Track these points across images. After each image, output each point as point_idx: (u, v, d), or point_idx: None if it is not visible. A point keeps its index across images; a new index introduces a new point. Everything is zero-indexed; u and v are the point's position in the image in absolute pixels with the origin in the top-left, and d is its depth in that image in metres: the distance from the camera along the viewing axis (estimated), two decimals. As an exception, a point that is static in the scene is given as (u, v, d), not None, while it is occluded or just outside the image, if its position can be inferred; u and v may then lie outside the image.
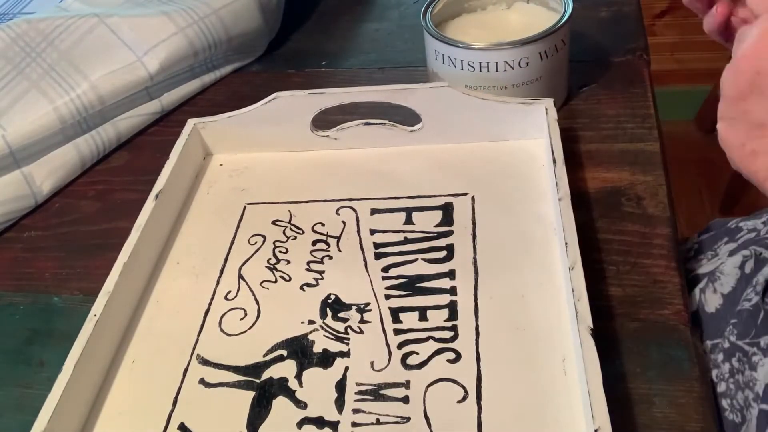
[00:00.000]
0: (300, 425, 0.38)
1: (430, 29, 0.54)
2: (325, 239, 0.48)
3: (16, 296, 0.49)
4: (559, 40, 0.53)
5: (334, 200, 0.51)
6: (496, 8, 0.59)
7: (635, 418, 0.36)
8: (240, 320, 0.43)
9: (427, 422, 0.37)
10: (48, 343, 0.46)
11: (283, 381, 0.40)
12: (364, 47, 0.69)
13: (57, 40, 0.60)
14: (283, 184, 0.53)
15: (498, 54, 0.52)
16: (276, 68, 0.68)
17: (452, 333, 0.41)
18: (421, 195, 0.50)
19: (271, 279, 0.46)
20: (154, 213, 0.47)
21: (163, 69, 0.61)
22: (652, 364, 0.39)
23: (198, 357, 0.42)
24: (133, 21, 0.62)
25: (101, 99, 0.59)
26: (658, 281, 0.43)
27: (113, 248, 0.45)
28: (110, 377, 0.41)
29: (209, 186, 0.54)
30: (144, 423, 0.39)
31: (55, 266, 0.51)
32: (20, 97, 0.57)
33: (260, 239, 0.48)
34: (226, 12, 0.64)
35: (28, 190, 0.56)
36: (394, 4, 0.76)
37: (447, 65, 0.54)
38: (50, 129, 0.56)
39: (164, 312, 0.45)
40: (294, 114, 0.53)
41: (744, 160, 0.35)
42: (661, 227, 0.46)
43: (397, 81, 0.58)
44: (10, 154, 0.55)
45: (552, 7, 0.57)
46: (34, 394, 0.41)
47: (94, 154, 0.59)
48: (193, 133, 0.54)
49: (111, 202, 0.56)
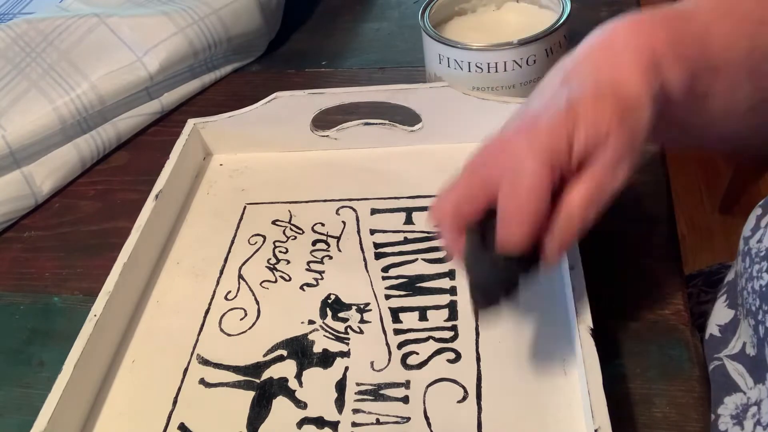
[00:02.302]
0: (300, 425, 0.38)
1: (433, 34, 0.54)
2: (325, 239, 0.48)
3: (16, 296, 0.49)
4: (561, 36, 0.53)
5: (334, 200, 0.51)
6: (486, 9, 0.59)
7: (635, 418, 0.36)
8: (240, 320, 0.43)
9: (427, 422, 0.37)
10: (48, 343, 0.46)
11: (283, 381, 0.40)
12: (364, 47, 0.69)
13: (57, 40, 0.60)
14: (283, 184, 0.53)
15: (507, 53, 0.52)
16: (276, 68, 0.68)
17: (452, 333, 0.41)
18: (421, 195, 0.50)
19: (271, 279, 0.46)
20: (154, 213, 0.47)
21: (163, 69, 0.61)
22: (652, 364, 0.39)
23: (198, 357, 0.42)
24: (133, 21, 0.62)
25: (101, 99, 0.59)
26: (658, 281, 0.43)
27: (113, 248, 0.45)
28: (110, 377, 0.41)
29: (209, 186, 0.54)
30: (144, 423, 0.39)
31: (55, 266, 0.51)
32: (20, 97, 0.57)
33: (260, 239, 0.48)
34: (226, 12, 0.64)
35: (28, 190, 0.56)
36: (394, 4, 0.76)
37: (453, 68, 0.54)
38: (50, 129, 0.56)
39: (164, 312, 0.45)
40: (294, 114, 0.53)
41: None
42: (661, 227, 0.46)
43: (397, 81, 0.58)
44: (10, 154, 0.55)
45: (544, 5, 0.57)
46: (34, 394, 0.41)
47: (94, 154, 0.59)
48: (193, 133, 0.54)
49: (111, 202, 0.56)
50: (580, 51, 0.35)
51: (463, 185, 0.34)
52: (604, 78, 0.33)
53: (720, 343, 0.38)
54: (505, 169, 0.32)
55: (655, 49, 0.33)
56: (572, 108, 0.32)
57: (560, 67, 0.35)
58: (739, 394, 0.36)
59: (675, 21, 0.34)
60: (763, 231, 0.35)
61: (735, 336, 0.38)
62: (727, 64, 0.35)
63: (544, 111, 0.33)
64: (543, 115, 0.32)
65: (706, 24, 0.35)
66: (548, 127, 0.32)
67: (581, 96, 0.32)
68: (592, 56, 0.34)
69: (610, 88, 0.32)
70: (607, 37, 0.34)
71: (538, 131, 0.32)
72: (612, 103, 0.32)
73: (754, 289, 0.34)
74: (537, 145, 0.31)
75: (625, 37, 0.34)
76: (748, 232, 0.37)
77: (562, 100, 0.32)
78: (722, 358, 0.38)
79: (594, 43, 0.35)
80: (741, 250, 0.37)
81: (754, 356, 0.36)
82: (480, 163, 0.34)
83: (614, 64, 0.33)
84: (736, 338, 0.38)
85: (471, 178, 0.34)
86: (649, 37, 0.33)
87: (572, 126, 0.31)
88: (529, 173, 0.31)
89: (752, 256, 0.35)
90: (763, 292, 0.33)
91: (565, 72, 0.34)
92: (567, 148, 0.31)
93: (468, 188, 0.34)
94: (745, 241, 0.37)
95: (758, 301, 0.33)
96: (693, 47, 0.34)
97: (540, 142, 0.32)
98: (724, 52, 0.35)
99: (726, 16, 0.35)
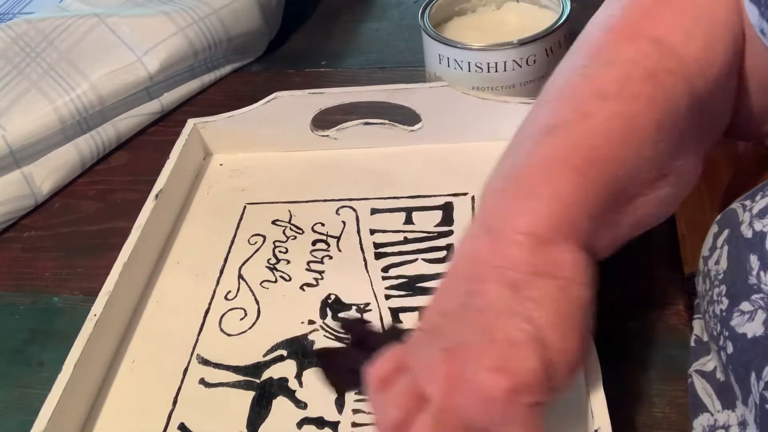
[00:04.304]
0: (300, 425, 0.38)
1: (433, 33, 0.54)
2: (325, 239, 0.48)
3: (16, 296, 0.49)
4: (561, 36, 0.53)
5: (334, 200, 0.51)
6: (486, 9, 0.59)
7: (635, 418, 0.36)
8: (240, 320, 0.43)
9: (427, 422, 0.37)
10: (48, 343, 0.46)
11: (283, 381, 0.40)
12: (364, 47, 0.69)
13: (57, 40, 0.60)
14: (283, 184, 0.53)
15: (507, 53, 0.52)
16: (276, 68, 0.68)
17: (452, 333, 0.41)
18: (421, 195, 0.50)
19: (271, 279, 0.46)
20: (154, 213, 0.47)
21: (163, 69, 0.61)
22: (652, 364, 0.39)
23: (198, 357, 0.42)
24: (133, 21, 0.62)
25: (101, 99, 0.59)
26: (658, 281, 0.43)
27: (113, 248, 0.45)
28: (110, 377, 0.41)
29: (209, 186, 0.54)
30: (144, 423, 0.39)
31: (55, 266, 0.51)
32: (20, 97, 0.57)
33: (260, 239, 0.48)
34: (226, 12, 0.64)
35: (28, 190, 0.56)
36: (394, 4, 0.76)
37: (452, 68, 0.54)
38: (50, 129, 0.56)
39: (164, 312, 0.45)
40: (294, 114, 0.53)
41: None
42: (661, 227, 0.46)
43: (397, 81, 0.58)
44: (10, 154, 0.55)
45: (544, 4, 0.57)
46: (34, 394, 0.41)
47: (94, 154, 0.59)
48: (193, 133, 0.54)
49: (111, 202, 0.56)
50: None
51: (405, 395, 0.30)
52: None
53: (692, 354, 0.36)
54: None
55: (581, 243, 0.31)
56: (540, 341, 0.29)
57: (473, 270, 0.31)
58: (706, 415, 0.34)
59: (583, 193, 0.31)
60: (719, 251, 0.32)
61: (709, 356, 0.35)
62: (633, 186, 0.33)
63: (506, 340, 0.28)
64: (515, 353, 0.28)
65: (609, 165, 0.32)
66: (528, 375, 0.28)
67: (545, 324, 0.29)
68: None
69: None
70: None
71: (520, 380, 0.28)
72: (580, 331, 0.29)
73: (715, 313, 0.32)
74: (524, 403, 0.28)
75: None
76: (706, 251, 0.34)
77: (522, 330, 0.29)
78: (692, 374, 0.35)
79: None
80: (701, 271, 0.34)
81: (723, 381, 0.33)
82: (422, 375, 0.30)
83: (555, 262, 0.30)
84: (708, 358, 0.35)
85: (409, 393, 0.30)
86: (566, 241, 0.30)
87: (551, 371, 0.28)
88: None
89: (711, 278, 0.33)
90: (723, 317, 0.30)
91: (508, 281, 0.30)
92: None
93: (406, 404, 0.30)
94: (704, 260, 0.34)
95: (719, 326, 0.31)
96: (604, 198, 0.32)
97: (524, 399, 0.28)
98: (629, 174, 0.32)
99: (624, 143, 0.32)
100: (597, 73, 0.34)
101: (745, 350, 0.28)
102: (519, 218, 0.31)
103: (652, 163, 0.33)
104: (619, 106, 0.32)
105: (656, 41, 0.34)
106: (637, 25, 0.35)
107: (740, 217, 0.31)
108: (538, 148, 0.33)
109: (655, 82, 0.33)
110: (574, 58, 0.36)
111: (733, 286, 0.30)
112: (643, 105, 0.32)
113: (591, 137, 0.32)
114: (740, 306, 0.29)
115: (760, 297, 0.28)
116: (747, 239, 0.30)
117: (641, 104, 0.32)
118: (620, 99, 0.32)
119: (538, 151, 0.33)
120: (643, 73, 0.33)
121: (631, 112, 0.32)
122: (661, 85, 0.33)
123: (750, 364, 0.28)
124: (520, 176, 0.32)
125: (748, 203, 0.31)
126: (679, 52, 0.33)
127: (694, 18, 0.34)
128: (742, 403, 0.28)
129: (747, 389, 0.28)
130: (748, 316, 0.29)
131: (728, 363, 0.30)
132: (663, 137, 0.33)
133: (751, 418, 0.28)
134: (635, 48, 0.34)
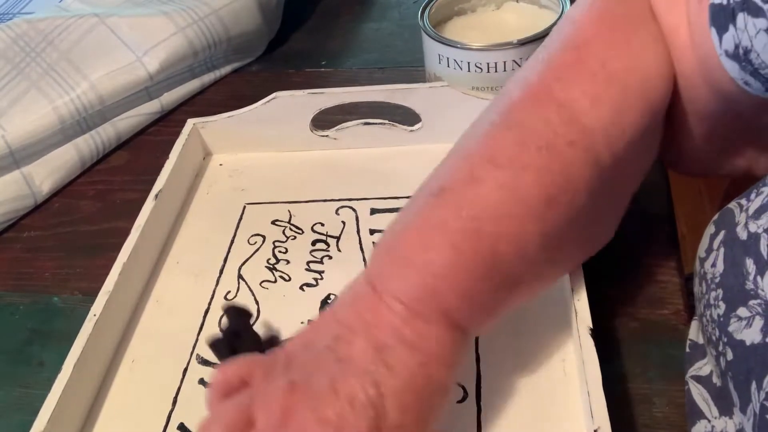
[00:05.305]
0: (300, 425, 0.38)
1: (433, 33, 0.54)
2: (325, 239, 0.48)
3: (16, 296, 0.49)
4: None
5: (334, 200, 0.51)
6: (486, 9, 0.59)
7: (635, 418, 0.36)
8: (240, 320, 0.43)
9: (427, 422, 0.37)
10: (48, 343, 0.46)
11: (283, 381, 0.40)
12: (364, 47, 0.69)
13: (57, 40, 0.60)
14: (282, 184, 0.53)
15: (507, 53, 0.52)
16: (276, 68, 0.68)
17: (452, 333, 0.41)
18: (421, 195, 0.50)
19: (270, 279, 0.46)
20: (154, 213, 0.47)
21: (162, 69, 0.61)
22: (652, 364, 0.39)
23: (198, 357, 0.42)
24: (133, 21, 0.62)
25: (101, 99, 0.59)
26: (658, 281, 0.43)
27: (113, 248, 0.45)
28: (110, 377, 0.41)
29: (209, 186, 0.54)
30: (144, 423, 0.39)
31: (55, 266, 0.51)
32: (20, 97, 0.57)
33: (260, 239, 0.48)
34: (226, 12, 0.64)
35: (28, 190, 0.56)
36: (394, 4, 0.76)
37: (452, 68, 0.54)
38: (50, 129, 0.57)
39: (164, 312, 0.45)
40: (294, 114, 0.53)
41: None
42: (661, 227, 0.46)
43: (397, 81, 0.57)
44: (10, 154, 0.55)
45: (544, 4, 0.57)
46: (34, 394, 0.41)
47: (94, 154, 0.59)
48: (192, 133, 0.54)
49: (111, 202, 0.56)
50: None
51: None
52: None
53: (687, 360, 0.36)
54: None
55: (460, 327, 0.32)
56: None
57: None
58: (704, 422, 0.34)
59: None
60: (716, 253, 0.31)
61: (704, 360, 0.35)
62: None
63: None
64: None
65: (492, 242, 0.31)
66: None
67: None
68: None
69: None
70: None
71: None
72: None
73: (712, 317, 0.31)
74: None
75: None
76: (702, 252, 0.33)
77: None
78: (688, 381, 0.35)
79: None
80: (698, 272, 0.33)
81: (720, 387, 0.33)
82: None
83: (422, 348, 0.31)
84: (704, 362, 0.35)
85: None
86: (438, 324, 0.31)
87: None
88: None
89: (708, 281, 0.32)
90: (721, 322, 0.30)
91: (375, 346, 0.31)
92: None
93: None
94: (701, 262, 0.33)
95: (717, 332, 0.30)
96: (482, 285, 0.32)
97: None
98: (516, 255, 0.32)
99: (509, 216, 0.32)
100: (497, 135, 0.34)
101: (744, 358, 0.28)
102: (395, 283, 0.31)
103: (540, 240, 0.32)
104: (507, 176, 0.32)
105: (563, 107, 0.33)
106: (548, 88, 0.34)
107: (736, 217, 0.31)
108: (424, 210, 0.33)
109: (552, 154, 0.32)
110: (490, 111, 0.36)
111: (729, 290, 0.30)
112: (532, 177, 0.32)
113: (474, 207, 0.32)
114: (737, 311, 0.29)
115: (757, 303, 0.28)
116: (742, 241, 0.29)
117: (530, 176, 0.32)
118: (511, 168, 0.32)
119: (423, 212, 0.33)
120: (539, 143, 0.32)
121: (519, 184, 0.32)
122: (557, 157, 0.32)
123: (750, 373, 0.27)
124: (401, 239, 0.33)
125: (744, 202, 0.30)
126: (584, 120, 0.33)
127: (605, 83, 0.33)
128: (740, 410, 0.28)
129: (746, 397, 0.27)
130: (745, 322, 0.28)
131: (728, 369, 0.29)
132: (552, 212, 0.32)
133: (749, 426, 0.27)
134: (540, 113, 0.33)
